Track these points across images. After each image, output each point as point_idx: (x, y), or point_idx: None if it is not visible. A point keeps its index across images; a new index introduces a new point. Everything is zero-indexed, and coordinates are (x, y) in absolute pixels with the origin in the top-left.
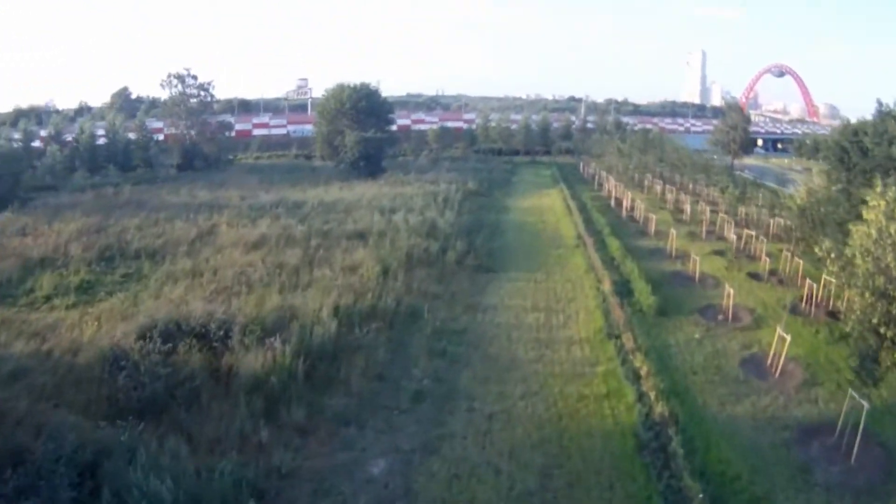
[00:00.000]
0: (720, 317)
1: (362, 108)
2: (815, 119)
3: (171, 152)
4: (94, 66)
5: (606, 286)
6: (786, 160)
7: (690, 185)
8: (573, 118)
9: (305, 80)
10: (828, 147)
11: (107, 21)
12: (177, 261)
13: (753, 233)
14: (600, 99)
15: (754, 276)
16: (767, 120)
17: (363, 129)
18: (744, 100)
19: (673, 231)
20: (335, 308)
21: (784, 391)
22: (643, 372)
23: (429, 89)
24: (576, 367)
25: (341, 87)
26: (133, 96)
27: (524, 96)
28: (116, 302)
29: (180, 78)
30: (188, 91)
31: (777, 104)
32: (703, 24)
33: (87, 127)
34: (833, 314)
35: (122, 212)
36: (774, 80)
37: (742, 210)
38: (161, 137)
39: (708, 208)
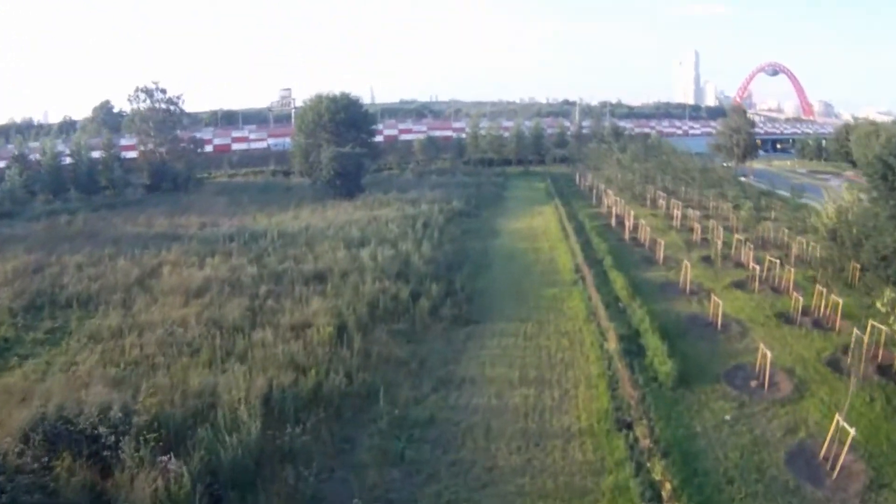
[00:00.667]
0: (753, 383)
1: (342, 120)
2: (811, 117)
3: (141, 172)
4: (88, 77)
5: (612, 343)
6: (788, 162)
7: (696, 197)
8: (567, 123)
9: (289, 90)
10: (868, 162)
11: (95, 32)
12: (108, 312)
13: (777, 260)
14: (594, 101)
15: (785, 317)
16: (764, 119)
17: (343, 142)
18: (738, 99)
19: (686, 262)
20: (267, 393)
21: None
22: (665, 487)
23: (423, 95)
24: (574, 480)
25: (319, 99)
26: (115, 110)
27: (518, 100)
28: (24, 374)
29: (148, 92)
30: (157, 105)
31: (771, 103)
32: (694, 23)
33: (49, 146)
34: (885, 369)
35: (69, 245)
36: (768, 78)
37: (760, 229)
38: (133, 155)
39: (721, 228)
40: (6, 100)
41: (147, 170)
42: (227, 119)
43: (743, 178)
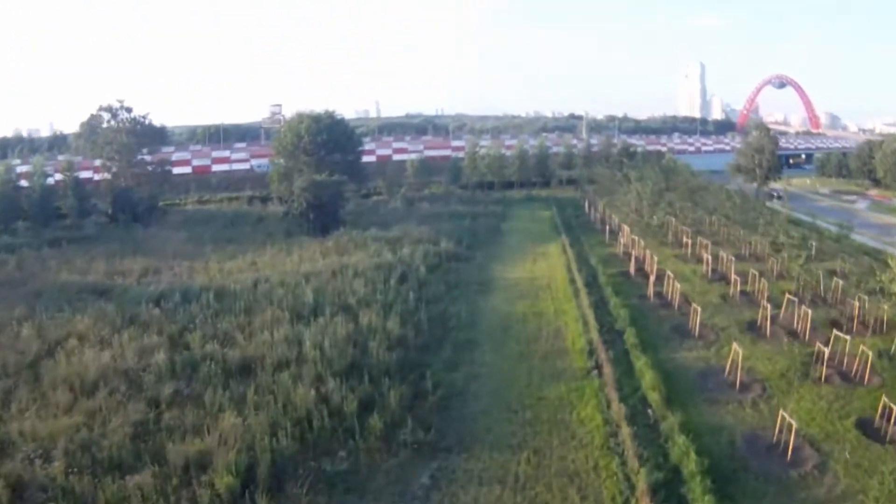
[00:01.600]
0: None
1: (323, 141)
2: (820, 130)
3: (105, 198)
4: (89, 88)
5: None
6: (807, 180)
7: (724, 230)
8: (574, 141)
9: (279, 105)
10: None
11: (99, 42)
12: None
13: (847, 336)
14: (600, 115)
15: (868, 427)
16: (775, 134)
17: (324, 165)
18: (745, 112)
19: (736, 346)
20: None
21: None
22: None
23: (429, 109)
24: None
25: (300, 117)
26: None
27: (524, 114)
28: None
29: (111, 111)
30: (121, 125)
31: (777, 115)
32: (699, 36)
33: (1, 170)
34: None
35: None
36: (774, 90)
37: (812, 281)
38: (101, 177)
39: (766, 281)
40: (10, 111)
41: (109, 196)
42: (217, 136)
43: (771, 204)
